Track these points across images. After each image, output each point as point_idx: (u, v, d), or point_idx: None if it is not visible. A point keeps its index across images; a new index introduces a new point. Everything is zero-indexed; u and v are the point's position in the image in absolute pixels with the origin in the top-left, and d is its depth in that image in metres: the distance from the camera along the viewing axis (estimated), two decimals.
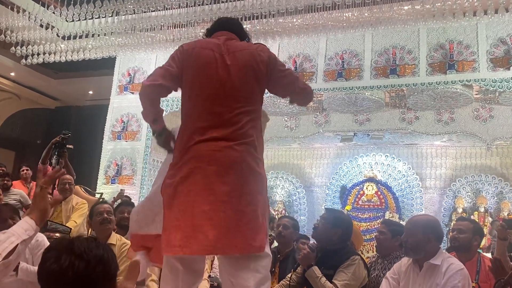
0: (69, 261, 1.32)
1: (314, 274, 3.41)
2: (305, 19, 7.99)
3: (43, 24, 8.71)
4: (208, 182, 2.29)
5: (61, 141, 5.60)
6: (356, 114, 9.91)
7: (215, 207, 2.26)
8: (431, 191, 10.49)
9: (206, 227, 2.23)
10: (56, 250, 1.36)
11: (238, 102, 2.43)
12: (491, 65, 7.88)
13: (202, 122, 2.40)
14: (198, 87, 2.46)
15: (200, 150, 2.35)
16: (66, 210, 5.21)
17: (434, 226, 3.03)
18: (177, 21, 8.24)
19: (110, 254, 1.41)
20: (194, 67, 2.47)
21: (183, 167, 2.36)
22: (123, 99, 10.25)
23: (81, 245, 1.36)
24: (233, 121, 2.40)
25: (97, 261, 1.35)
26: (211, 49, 2.50)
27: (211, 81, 2.43)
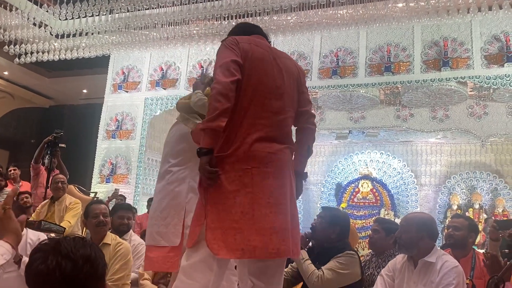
0: (56, 262, 1.31)
1: (300, 256, 3.40)
2: (300, 17, 7.98)
3: (36, 22, 8.66)
4: (266, 184, 2.25)
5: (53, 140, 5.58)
6: (351, 112, 9.92)
7: (275, 209, 2.24)
8: (426, 188, 10.52)
9: (268, 230, 2.20)
10: (43, 251, 1.36)
11: (287, 106, 2.45)
12: (485, 62, 7.90)
13: (259, 118, 2.33)
14: (257, 82, 2.37)
15: (257, 150, 2.28)
16: (59, 210, 5.17)
17: (429, 224, 3.03)
18: (171, 19, 8.21)
19: (98, 253, 1.40)
20: (253, 61, 2.37)
21: (237, 165, 2.25)
22: (117, 98, 10.21)
23: (68, 245, 1.35)
24: (284, 124, 2.42)
25: (84, 260, 1.34)
26: (265, 49, 2.47)
27: (269, 79, 2.39)
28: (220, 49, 2.40)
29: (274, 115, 2.37)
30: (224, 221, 2.20)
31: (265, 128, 2.33)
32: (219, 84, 2.23)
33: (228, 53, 2.34)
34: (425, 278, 2.85)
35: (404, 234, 2.99)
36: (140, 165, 9.68)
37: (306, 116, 2.57)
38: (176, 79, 9.75)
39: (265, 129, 2.33)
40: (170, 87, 9.78)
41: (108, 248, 3.73)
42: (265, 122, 2.34)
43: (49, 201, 5.35)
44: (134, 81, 10.12)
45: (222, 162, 2.25)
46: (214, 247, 2.18)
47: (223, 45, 2.39)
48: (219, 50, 2.41)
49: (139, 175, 9.63)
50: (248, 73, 2.34)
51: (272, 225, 2.22)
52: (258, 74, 2.37)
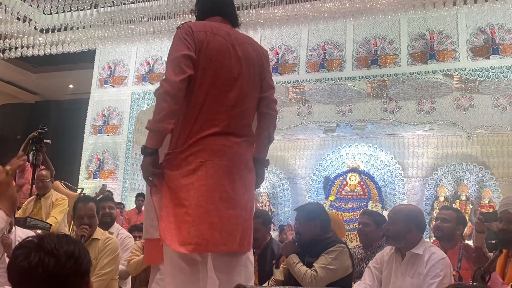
0: (39, 258, 1.29)
1: (291, 261, 3.42)
2: (287, 10, 7.97)
3: (20, 17, 8.55)
4: (219, 178, 2.22)
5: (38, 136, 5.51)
6: (338, 105, 9.94)
7: (227, 204, 2.22)
8: (413, 180, 10.60)
9: (219, 224, 2.19)
10: (25, 247, 1.33)
11: (247, 97, 2.36)
12: (471, 54, 7.96)
13: (215, 113, 2.27)
14: (213, 76, 2.27)
15: (212, 143, 2.24)
16: (45, 206, 5.11)
17: (416, 216, 3.03)
18: (157, 13, 8.15)
19: (82, 250, 1.38)
20: (208, 53, 2.27)
21: (191, 159, 2.22)
22: (103, 93, 10.13)
23: (51, 241, 1.34)
24: (242, 116, 2.35)
25: (68, 257, 1.32)
26: (223, 37, 2.35)
27: (226, 71, 2.30)
28: (174, 38, 2.30)
29: (231, 108, 2.31)
30: (177, 214, 2.18)
31: (221, 123, 2.28)
32: (168, 83, 2.17)
33: (181, 46, 2.24)
34: (413, 269, 2.87)
35: (391, 226, 2.99)
36: (127, 161, 9.62)
37: (267, 102, 2.47)
38: (163, 74, 9.68)
39: (221, 124, 2.27)
40: (157, 81, 9.70)
41: (96, 243, 3.71)
42: (221, 117, 2.28)
43: (35, 197, 5.30)
44: (120, 75, 10.05)
45: (176, 158, 2.23)
46: (167, 238, 2.16)
47: (177, 35, 2.28)
48: (173, 39, 2.30)
49: (127, 170, 9.58)
50: (203, 67, 2.26)
51: (223, 220, 2.20)
52: (214, 67, 2.28)
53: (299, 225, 3.67)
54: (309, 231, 3.58)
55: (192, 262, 2.21)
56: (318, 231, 3.57)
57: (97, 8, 8.25)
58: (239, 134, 2.34)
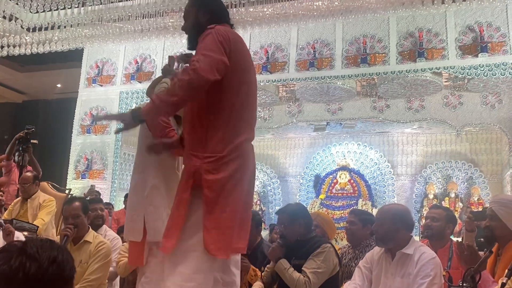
0: (20, 262, 1.27)
1: (282, 266, 3.42)
2: (276, 9, 7.95)
3: (6, 15, 8.44)
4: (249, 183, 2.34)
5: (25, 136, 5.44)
6: (328, 104, 9.94)
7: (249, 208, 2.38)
8: (402, 178, 10.63)
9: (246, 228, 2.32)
10: (8, 251, 1.31)
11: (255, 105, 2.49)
12: (460, 52, 7.99)
13: (247, 118, 2.34)
14: (245, 82, 2.31)
15: (245, 149, 2.32)
16: (32, 207, 5.04)
17: (403, 215, 3.02)
18: (146, 11, 8.09)
19: (66, 256, 1.35)
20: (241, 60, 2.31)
21: (231, 164, 2.24)
22: (91, 92, 10.04)
23: (33, 245, 1.31)
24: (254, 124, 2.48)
25: (50, 262, 1.30)
26: (244, 44, 2.43)
27: (251, 77, 2.37)
28: (209, 36, 2.24)
29: (254, 113, 2.41)
30: (221, 220, 2.18)
31: (248, 128, 2.34)
32: (197, 76, 2.11)
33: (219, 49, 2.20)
34: (403, 269, 2.86)
35: (379, 227, 2.99)
36: (116, 160, 9.55)
37: None
38: (152, 72, 9.63)
39: (248, 128, 2.34)
40: (146, 80, 9.64)
41: (88, 246, 3.65)
42: (251, 122, 2.36)
43: (21, 198, 5.23)
44: (108, 74, 9.96)
45: (217, 162, 2.22)
46: (212, 248, 2.15)
47: (214, 37, 2.23)
48: (208, 36, 2.26)
49: (115, 170, 9.51)
50: (238, 74, 2.29)
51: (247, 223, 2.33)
52: (245, 73, 2.33)
53: (283, 228, 3.67)
54: (294, 232, 3.59)
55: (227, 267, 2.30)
56: (302, 231, 3.58)
57: (85, 6, 8.16)
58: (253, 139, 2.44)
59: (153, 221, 2.90)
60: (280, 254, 3.50)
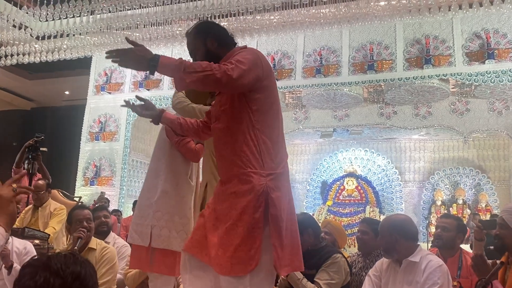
0: (44, 278, 1.29)
1: (295, 277, 3.41)
2: (283, 16, 7.99)
3: (16, 24, 8.54)
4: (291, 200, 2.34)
5: (34, 144, 5.48)
6: (335, 110, 9.96)
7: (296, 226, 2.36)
8: (410, 184, 10.61)
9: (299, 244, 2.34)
10: (32, 266, 1.34)
11: None
12: (467, 59, 7.99)
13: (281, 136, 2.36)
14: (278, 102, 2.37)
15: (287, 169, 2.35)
16: (43, 216, 5.08)
17: (400, 225, 3.03)
18: (154, 20, 8.17)
19: (89, 271, 1.38)
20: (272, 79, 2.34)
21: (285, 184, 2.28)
22: (100, 99, 10.12)
23: (58, 261, 1.33)
24: None
25: (73, 278, 1.32)
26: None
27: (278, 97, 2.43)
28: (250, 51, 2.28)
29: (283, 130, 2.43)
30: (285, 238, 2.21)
31: (284, 144, 2.37)
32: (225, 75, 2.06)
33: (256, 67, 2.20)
34: (410, 277, 2.87)
35: (381, 240, 3.03)
36: (124, 167, 9.60)
37: None
38: (160, 80, 9.70)
39: (284, 144, 2.37)
40: (154, 87, 9.72)
41: (93, 253, 3.69)
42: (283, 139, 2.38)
43: (32, 206, 5.26)
44: (117, 82, 10.04)
45: (275, 180, 2.22)
46: (278, 265, 2.15)
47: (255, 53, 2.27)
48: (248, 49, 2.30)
49: (124, 177, 9.56)
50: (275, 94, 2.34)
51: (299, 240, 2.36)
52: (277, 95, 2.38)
53: None
54: (304, 243, 3.56)
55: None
56: (312, 241, 3.58)
57: (93, 15, 8.25)
58: None
59: (159, 227, 2.94)
60: None
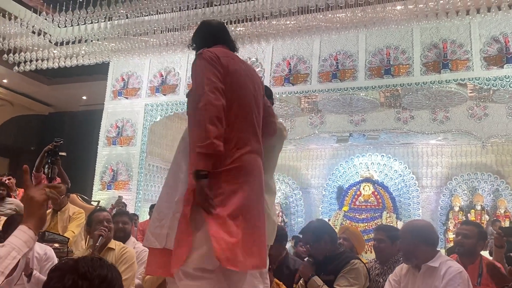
0: (73, 281, 1.33)
1: (316, 284, 3.41)
2: (299, 21, 7.99)
3: (35, 30, 8.67)
4: (254, 198, 2.33)
5: (53, 148, 5.55)
6: (351, 115, 9.92)
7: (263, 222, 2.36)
8: (427, 190, 10.51)
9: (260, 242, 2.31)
10: (60, 269, 1.38)
11: (260, 117, 2.51)
12: (485, 63, 7.91)
13: (244, 132, 2.37)
14: (238, 97, 2.39)
15: (247, 163, 2.34)
16: (62, 220, 5.14)
17: (423, 231, 3.01)
18: (170, 25, 8.22)
19: (115, 274, 1.41)
20: (232, 76, 2.39)
21: (231, 179, 2.29)
22: (117, 104, 10.21)
23: (85, 264, 1.37)
24: (259, 135, 2.48)
25: (100, 280, 1.35)
26: (237, 61, 2.50)
27: (246, 92, 2.44)
28: (200, 63, 2.36)
29: (254, 127, 2.43)
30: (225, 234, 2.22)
31: (250, 142, 2.38)
32: (214, 107, 2.23)
33: (212, 72, 2.31)
34: (429, 283, 2.85)
35: (401, 244, 3.01)
36: (141, 171, 9.67)
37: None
38: (176, 85, 9.76)
39: (250, 142, 2.38)
40: (170, 93, 9.78)
41: (112, 253, 3.74)
42: (249, 136, 2.39)
43: (51, 210, 5.33)
44: (134, 87, 10.13)
45: (216, 178, 2.27)
46: (222, 258, 2.19)
47: (204, 60, 2.35)
48: (198, 63, 2.38)
49: (140, 181, 9.62)
50: (230, 90, 2.35)
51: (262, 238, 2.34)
52: (238, 89, 2.40)
53: (310, 247, 3.66)
54: (321, 250, 3.58)
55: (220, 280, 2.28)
56: (329, 247, 3.57)
57: (111, 21, 8.34)
58: (260, 153, 2.46)
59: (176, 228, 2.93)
60: (311, 272, 3.50)
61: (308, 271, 3.52)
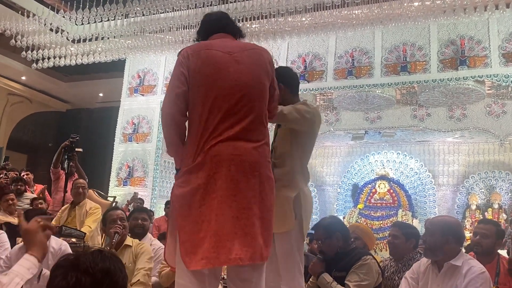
0: (76, 278, 1.34)
1: (325, 281, 3.41)
2: (314, 18, 7.95)
3: (53, 28, 8.75)
4: (229, 188, 2.22)
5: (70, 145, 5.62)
6: (367, 112, 9.85)
7: (239, 214, 2.20)
8: (444, 188, 10.40)
9: (231, 236, 2.17)
10: (62, 267, 1.39)
11: (253, 101, 2.35)
12: (503, 60, 7.80)
13: (218, 123, 2.27)
14: (211, 89, 2.31)
15: (218, 152, 2.24)
16: (80, 214, 5.21)
17: (454, 227, 2.97)
18: (186, 23, 8.25)
19: (118, 265, 1.42)
20: (204, 69, 2.33)
21: (200, 174, 2.23)
22: (133, 101, 10.28)
23: (86, 260, 1.38)
24: (252, 121, 2.33)
25: (103, 274, 1.36)
26: (219, 49, 2.40)
27: (226, 81, 2.32)
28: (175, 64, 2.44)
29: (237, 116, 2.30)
30: (191, 232, 2.20)
31: (226, 132, 2.27)
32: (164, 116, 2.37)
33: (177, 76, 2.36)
34: (450, 281, 2.81)
35: (429, 238, 2.94)
36: (156, 168, 9.73)
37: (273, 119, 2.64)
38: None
39: (226, 132, 2.27)
40: None
41: (129, 249, 3.78)
42: (226, 126, 2.28)
43: (69, 206, 5.40)
44: (150, 84, 10.19)
45: (187, 175, 2.27)
46: (186, 260, 2.18)
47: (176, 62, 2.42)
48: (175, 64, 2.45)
49: (156, 177, 9.68)
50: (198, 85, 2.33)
51: (234, 231, 2.19)
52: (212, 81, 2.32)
53: (321, 244, 3.66)
54: (332, 247, 3.57)
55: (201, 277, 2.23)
56: (341, 243, 3.56)
57: (127, 18, 8.39)
58: (250, 139, 2.31)
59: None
60: (321, 269, 3.50)
61: (317, 268, 3.52)
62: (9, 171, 7.94)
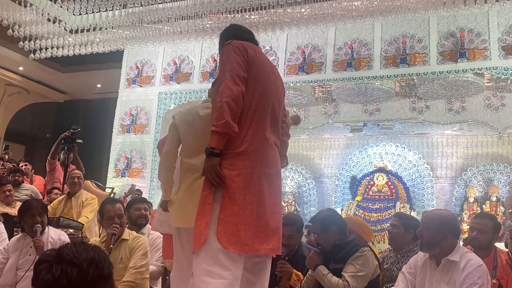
0: (61, 269, 1.32)
1: (320, 273, 3.42)
2: (314, 9, 7.90)
3: (50, 18, 8.69)
4: (270, 185, 2.41)
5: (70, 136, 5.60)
6: (365, 104, 9.83)
7: (275, 210, 2.42)
8: (442, 180, 10.40)
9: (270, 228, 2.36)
10: (46, 261, 1.36)
11: (280, 111, 2.62)
12: (503, 53, 7.77)
13: (264, 119, 2.47)
14: (262, 87, 2.50)
15: (263, 150, 2.43)
16: (76, 205, 5.20)
17: (451, 222, 2.96)
18: (184, 13, 8.18)
19: (102, 254, 1.41)
20: (258, 67, 2.50)
21: (247, 163, 2.36)
22: (131, 92, 10.24)
23: (69, 251, 1.36)
24: (279, 128, 2.61)
25: (88, 263, 1.35)
26: (264, 56, 2.65)
27: (270, 84, 2.55)
28: (227, 51, 2.48)
29: (275, 118, 2.54)
30: (236, 216, 2.27)
31: (269, 130, 2.47)
32: (231, 91, 2.34)
33: (236, 60, 2.43)
34: (448, 276, 2.80)
35: (425, 232, 2.93)
36: (154, 159, 9.71)
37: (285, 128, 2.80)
38: (190, 73, 9.75)
39: (269, 130, 2.47)
40: (184, 81, 9.78)
41: (126, 243, 3.78)
42: (270, 124, 2.49)
43: (65, 196, 5.39)
44: (148, 75, 10.14)
45: (233, 159, 2.35)
46: (224, 241, 2.23)
47: (230, 51, 2.46)
48: (225, 51, 2.49)
49: (154, 169, 9.66)
50: (254, 78, 2.47)
51: (272, 224, 2.39)
52: (262, 80, 2.50)
53: (318, 237, 3.66)
54: (329, 240, 3.58)
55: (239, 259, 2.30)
56: (337, 236, 3.56)
57: (125, 8, 8.33)
58: (277, 144, 2.56)
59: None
60: (318, 262, 3.50)
61: (313, 261, 3.52)
62: (8, 161, 7.92)
